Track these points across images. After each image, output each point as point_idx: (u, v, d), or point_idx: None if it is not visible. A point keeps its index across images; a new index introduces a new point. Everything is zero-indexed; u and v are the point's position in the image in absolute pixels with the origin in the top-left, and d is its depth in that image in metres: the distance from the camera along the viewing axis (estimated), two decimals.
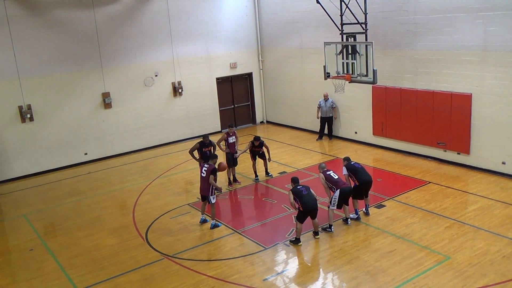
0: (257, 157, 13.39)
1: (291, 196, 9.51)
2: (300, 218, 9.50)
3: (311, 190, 9.61)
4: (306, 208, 9.33)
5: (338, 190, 9.86)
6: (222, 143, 13.11)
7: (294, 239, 9.63)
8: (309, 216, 9.54)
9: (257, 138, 13.12)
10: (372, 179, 10.52)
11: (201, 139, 12.63)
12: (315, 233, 9.79)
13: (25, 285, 8.90)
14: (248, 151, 13.32)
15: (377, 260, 8.76)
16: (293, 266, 8.97)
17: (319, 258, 9.12)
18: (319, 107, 16.71)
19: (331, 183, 10.04)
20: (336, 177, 10.15)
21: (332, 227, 10.01)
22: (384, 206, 11.08)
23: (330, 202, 10.00)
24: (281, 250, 9.48)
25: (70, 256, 9.86)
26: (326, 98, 16.53)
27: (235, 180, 13.26)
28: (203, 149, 12.43)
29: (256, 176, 13.46)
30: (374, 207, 11.03)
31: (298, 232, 9.58)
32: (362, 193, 10.47)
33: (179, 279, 8.66)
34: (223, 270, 8.83)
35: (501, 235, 9.34)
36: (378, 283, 8.07)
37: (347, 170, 10.43)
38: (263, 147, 13.24)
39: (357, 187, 10.31)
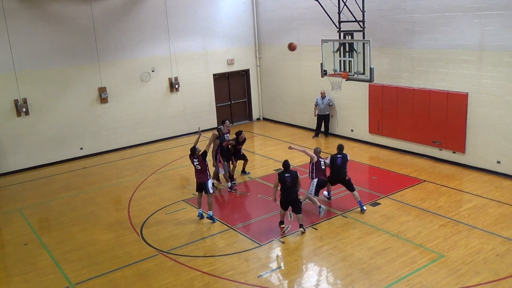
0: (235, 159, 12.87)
1: (276, 181, 9.93)
2: (281, 204, 10.02)
3: (298, 181, 9.87)
4: (284, 198, 9.89)
5: (316, 179, 10.63)
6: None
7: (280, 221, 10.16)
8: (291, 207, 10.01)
9: (239, 132, 12.67)
10: (343, 178, 10.75)
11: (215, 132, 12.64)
12: (300, 226, 9.91)
13: (19, 280, 8.88)
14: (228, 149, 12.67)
15: (372, 258, 8.79)
16: (287, 263, 8.99)
17: (314, 255, 9.14)
18: (316, 104, 16.72)
19: (316, 170, 10.65)
20: (323, 167, 10.77)
21: (322, 207, 10.46)
22: (379, 204, 11.11)
23: (309, 188, 10.66)
24: (276, 247, 9.50)
25: (64, 251, 9.84)
26: (323, 96, 16.54)
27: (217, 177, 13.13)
28: (223, 144, 12.39)
29: (233, 180, 12.81)
30: (369, 204, 11.07)
31: (281, 215, 10.12)
32: (332, 183, 11.14)
33: (174, 274, 8.67)
34: (218, 266, 8.84)
35: (495, 233, 9.39)
36: (372, 280, 8.10)
37: (330, 160, 10.83)
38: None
39: (328, 177, 11.00)
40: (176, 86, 17.94)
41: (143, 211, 11.59)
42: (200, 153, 10.60)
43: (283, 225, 10.09)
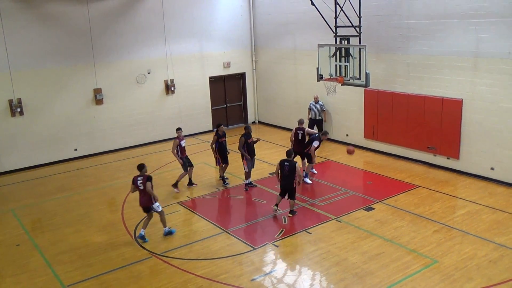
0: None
1: (277, 167, 10.88)
2: (280, 190, 10.94)
3: (296, 170, 10.55)
4: (282, 185, 10.82)
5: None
6: (175, 151, 12.58)
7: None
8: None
9: (218, 125, 12.98)
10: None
11: (243, 132, 12.65)
12: (290, 211, 10.91)
13: (11, 281, 8.82)
14: (213, 147, 12.91)
15: (365, 263, 8.80)
16: (281, 266, 8.99)
17: (308, 259, 9.14)
18: (310, 109, 16.77)
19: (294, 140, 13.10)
20: (300, 138, 12.85)
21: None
22: (373, 208, 11.13)
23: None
24: (270, 251, 9.49)
25: (57, 252, 9.79)
26: (316, 101, 16.58)
27: (190, 183, 13.03)
28: (248, 141, 12.52)
29: (225, 181, 13.13)
30: (363, 209, 11.09)
31: (276, 199, 11.07)
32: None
33: (167, 277, 8.64)
34: (211, 270, 8.82)
35: (488, 240, 9.43)
36: (366, 285, 8.10)
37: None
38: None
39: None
40: (172, 89, 17.92)
41: (137, 213, 11.51)
42: (145, 172, 9.96)
43: (275, 207, 10.96)
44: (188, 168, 12.92)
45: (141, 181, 9.87)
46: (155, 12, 17.16)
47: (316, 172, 13.65)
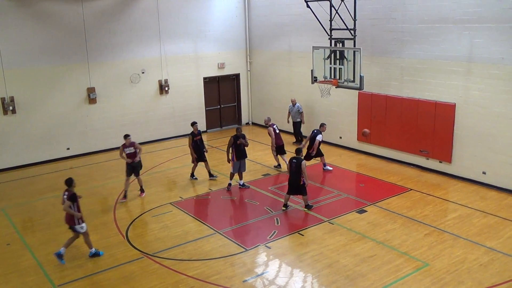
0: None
1: (287, 164, 11.61)
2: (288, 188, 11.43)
3: (301, 168, 10.93)
4: (289, 181, 11.28)
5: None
6: (124, 154, 12.42)
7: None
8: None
9: (193, 123, 13.48)
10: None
11: (234, 134, 12.70)
12: (305, 206, 11.30)
13: (0, 280, 8.75)
14: (190, 146, 13.40)
15: (357, 265, 8.81)
16: (273, 268, 8.98)
17: (300, 261, 9.14)
18: (289, 112, 16.86)
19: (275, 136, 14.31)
20: (278, 132, 14.23)
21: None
22: (366, 211, 11.16)
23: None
24: (262, 252, 9.49)
25: (48, 252, 9.71)
26: (293, 103, 16.66)
27: (142, 190, 12.73)
28: (237, 142, 12.50)
29: (212, 176, 13.70)
30: (356, 212, 11.12)
31: (284, 199, 11.47)
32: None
33: (159, 278, 8.61)
34: (203, 271, 8.80)
35: (479, 243, 9.48)
36: (357, 287, 8.12)
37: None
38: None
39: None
40: (166, 89, 17.88)
41: (129, 213, 11.51)
42: (73, 187, 9.32)
43: (284, 208, 11.30)
44: (135, 176, 12.52)
45: (66, 197, 9.19)
46: (150, 12, 17.13)
47: (331, 169, 14.19)
